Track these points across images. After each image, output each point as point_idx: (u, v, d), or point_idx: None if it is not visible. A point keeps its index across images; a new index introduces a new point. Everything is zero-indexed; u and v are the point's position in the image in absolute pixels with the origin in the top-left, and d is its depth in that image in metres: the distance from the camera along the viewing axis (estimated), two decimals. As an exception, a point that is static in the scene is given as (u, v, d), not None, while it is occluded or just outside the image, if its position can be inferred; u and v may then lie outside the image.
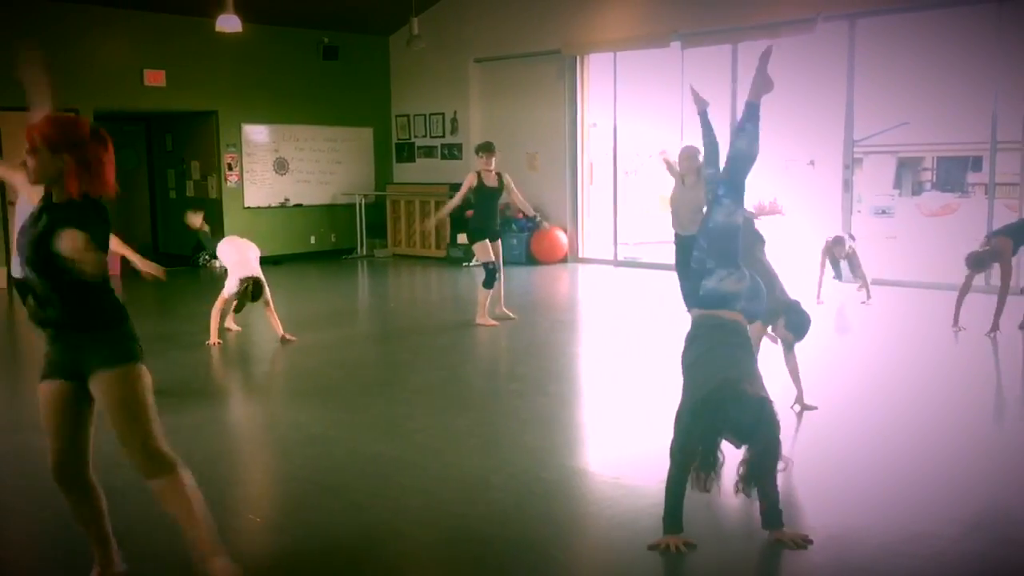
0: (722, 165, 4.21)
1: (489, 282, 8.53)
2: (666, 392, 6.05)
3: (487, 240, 8.64)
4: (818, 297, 9.34)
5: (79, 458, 3.16)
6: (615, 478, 4.49)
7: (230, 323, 8.20)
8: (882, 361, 7.11)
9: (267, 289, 7.69)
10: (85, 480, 3.20)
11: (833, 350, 7.60)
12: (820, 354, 7.40)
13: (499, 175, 8.69)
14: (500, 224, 9.04)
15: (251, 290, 7.49)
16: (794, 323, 5.31)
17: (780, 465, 3.60)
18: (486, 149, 8.71)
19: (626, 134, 13.68)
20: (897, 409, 5.64)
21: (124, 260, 5.55)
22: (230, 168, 13.76)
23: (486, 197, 8.69)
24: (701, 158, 7.42)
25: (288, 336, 7.82)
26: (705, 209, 4.42)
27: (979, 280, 9.20)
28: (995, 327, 7.69)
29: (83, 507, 3.22)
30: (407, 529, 3.94)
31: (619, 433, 5.33)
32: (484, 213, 8.75)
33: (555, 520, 4.00)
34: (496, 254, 8.65)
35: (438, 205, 14.28)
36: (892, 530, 3.76)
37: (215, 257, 8.55)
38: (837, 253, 9.67)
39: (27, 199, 4.59)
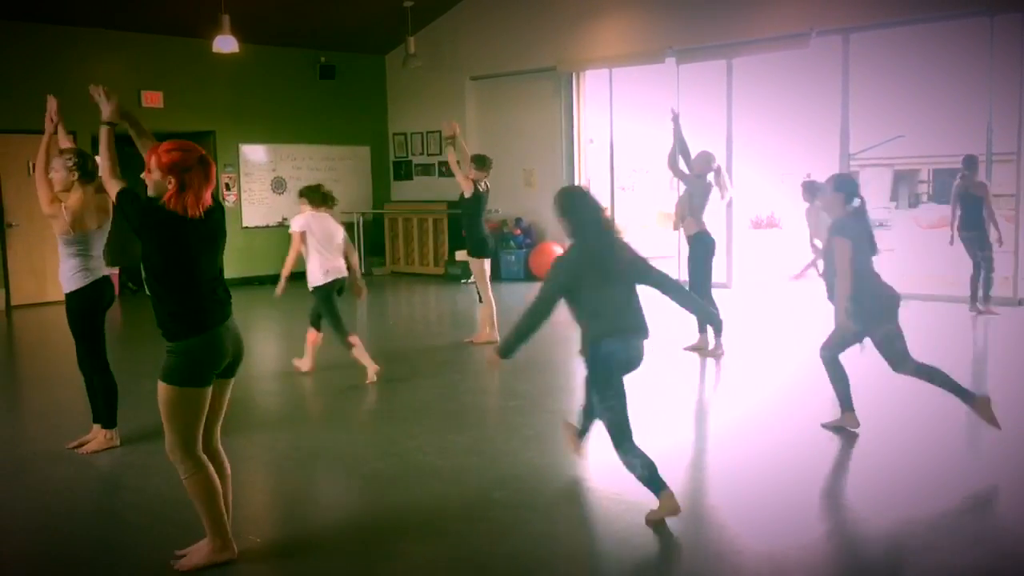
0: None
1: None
2: (667, 408, 6.05)
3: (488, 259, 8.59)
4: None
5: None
6: (616, 494, 4.48)
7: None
8: (879, 374, 7.10)
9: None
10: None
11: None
12: (817, 367, 7.40)
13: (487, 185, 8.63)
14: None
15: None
16: None
17: None
18: (482, 163, 8.62)
19: (623, 150, 13.73)
20: (894, 422, 5.64)
21: (121, 277, 5.55)
22: (228, 188, 13.78)
23: (479, 208, 8.62)
24: (715, 163, 7.64)
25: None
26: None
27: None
28: None
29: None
30: (408, 547, 3.93)
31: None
32: (482, 225, 8.66)
33: (557, 536, 4.00)
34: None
35: (436, 223, 14.34)
36: (892, 544, 3.75)
37: None
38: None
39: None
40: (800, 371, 7.29)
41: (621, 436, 4.07)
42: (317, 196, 7.16)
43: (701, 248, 7.67)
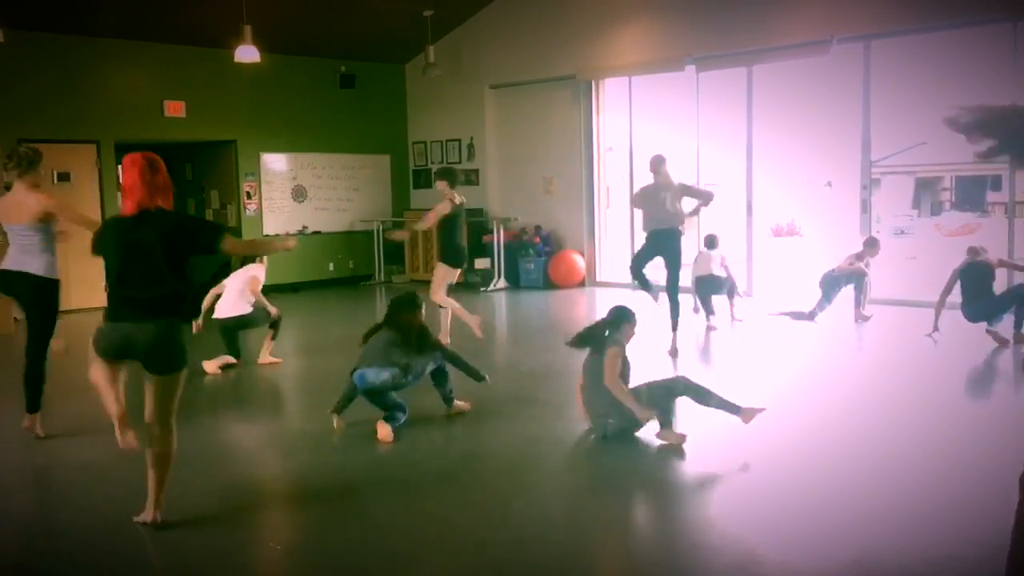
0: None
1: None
2: (686, 416, 6.02)
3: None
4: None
5: None
6: (637, 503, 4.47)
7: (267, 357, 8.19)
8: (901, 382, 7.05)
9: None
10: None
11: (852, 371, 7.55)
12: (837, 376, 7.35)
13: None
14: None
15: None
16: None
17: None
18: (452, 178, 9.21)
19: (642, 157, 13.70)
20: (916, 430, 5.60)
21: None
22: (249, 197, 13.88)
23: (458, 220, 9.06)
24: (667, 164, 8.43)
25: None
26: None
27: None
28: None
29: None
30: (426, 555, 3.93)
31: (640, 458, 5.31)
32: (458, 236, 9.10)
33: (576, 545, 3.99)
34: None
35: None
36: (913, 554, 3.72)
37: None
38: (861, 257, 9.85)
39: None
40: (813, 379, 7.25)
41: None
42: None
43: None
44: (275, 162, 14.18)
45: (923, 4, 10.22)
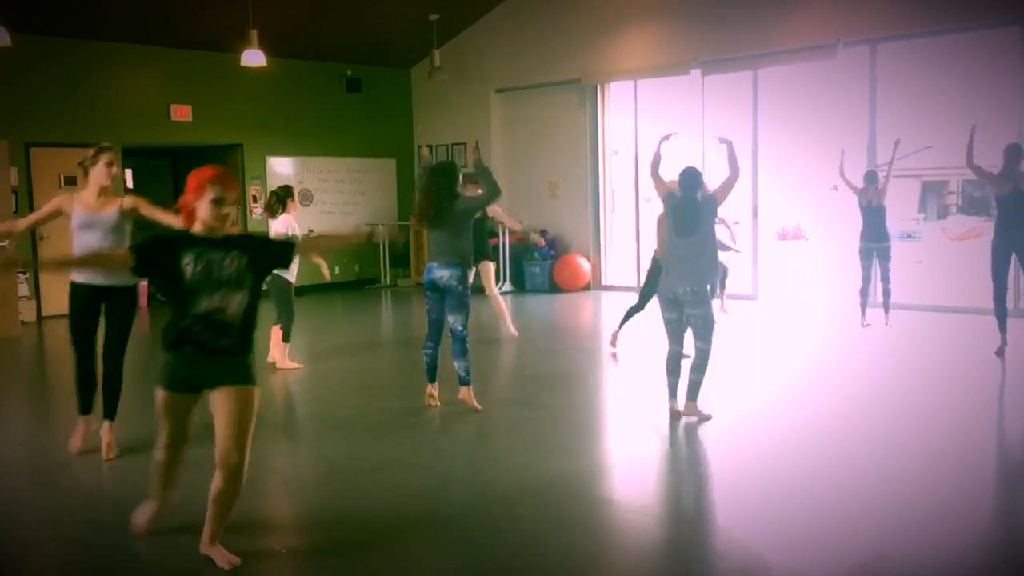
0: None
1: None
2: (692, 422, 6.02)
3: None
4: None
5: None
6: (641, 507, 4.46)
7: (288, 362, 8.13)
8: (907, 385, 7.03)
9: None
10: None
11: (857, 375, 7.53)
12: (842, 379, 7.34)
13: None
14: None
15: None
16: None
17: None
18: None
19: (648, 161, 13.69)
20: (923, 434, 5.58)
21: (149, 291, 5.72)
22: (255, 200, 13.90)
23: None
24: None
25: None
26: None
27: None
28: None
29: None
30: (431, 560, 3.92)
31: (645, 462, 5.30)
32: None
33: (580, 550, 3.98)
34: None
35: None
36: (923, 560, 3.71)
37: None
38: (871, 196, 9.45)
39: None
40: (817, 381, 7.24)
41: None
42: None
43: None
44: (281, 166, 14.20)
45: (930, 7, 10.21)
